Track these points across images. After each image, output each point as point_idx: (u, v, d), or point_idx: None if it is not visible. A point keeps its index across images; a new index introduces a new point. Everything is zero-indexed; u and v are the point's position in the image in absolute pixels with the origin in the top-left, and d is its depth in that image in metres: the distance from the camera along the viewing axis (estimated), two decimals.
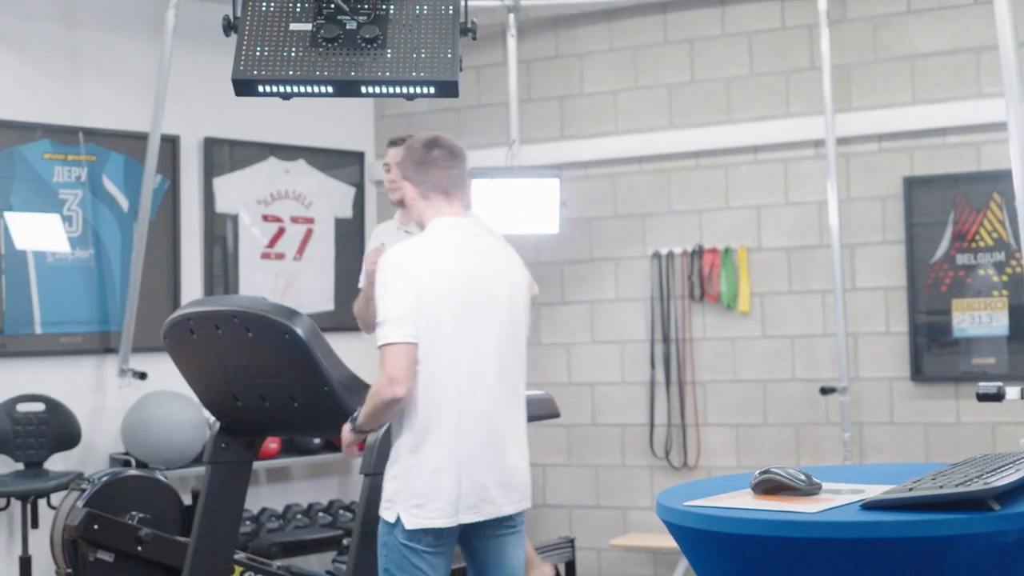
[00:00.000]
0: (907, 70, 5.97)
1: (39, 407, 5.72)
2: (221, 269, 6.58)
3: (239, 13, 3.07)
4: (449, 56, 3.05)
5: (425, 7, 3.10)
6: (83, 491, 4.96)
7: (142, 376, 5.99)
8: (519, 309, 3.59)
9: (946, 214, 5.85)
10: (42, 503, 5.56)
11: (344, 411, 3.74)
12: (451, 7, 3.12)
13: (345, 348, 4.28)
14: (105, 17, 6.18)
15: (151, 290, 6.14)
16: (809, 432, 6.13)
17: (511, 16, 6.46)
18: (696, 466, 6.37)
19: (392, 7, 3.09)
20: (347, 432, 3.62)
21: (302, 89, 3.10)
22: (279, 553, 5.86)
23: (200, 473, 5.29)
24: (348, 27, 3.07)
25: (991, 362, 5.74)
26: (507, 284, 3.56)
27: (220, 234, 6.59)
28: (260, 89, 3.04)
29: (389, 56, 3.03)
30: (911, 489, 2.13)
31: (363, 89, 3.09)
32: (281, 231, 6.78)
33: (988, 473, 2.17)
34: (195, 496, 5.33)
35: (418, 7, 3.10)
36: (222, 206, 6.58)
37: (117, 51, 6.21)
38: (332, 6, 3.06)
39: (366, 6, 3.09)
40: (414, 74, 3.04)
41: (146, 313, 5.95)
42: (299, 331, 3.75)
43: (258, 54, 3.00)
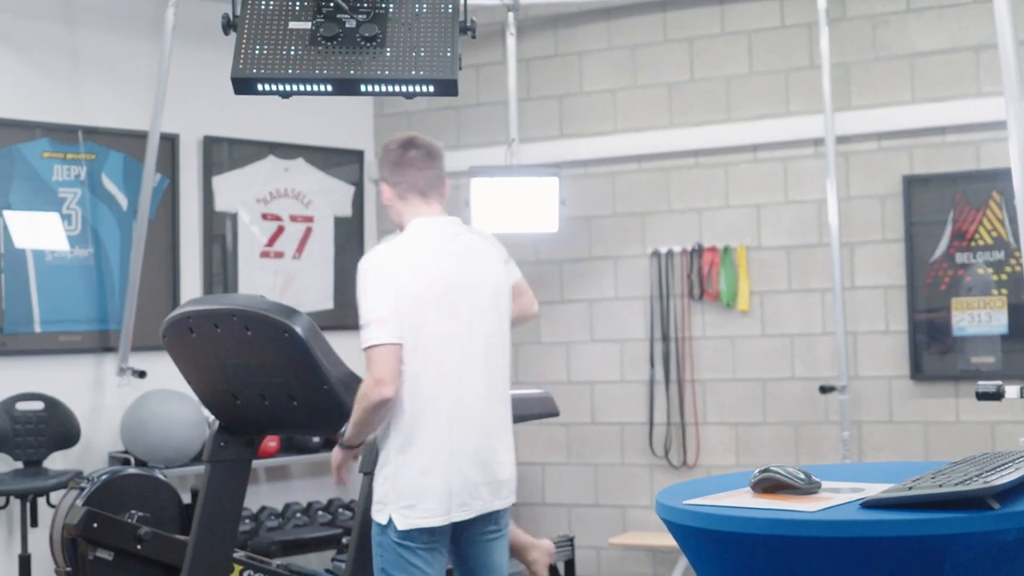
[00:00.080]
0: (906, 69, 5.97)
1: (38, 406, 5.72)
2: (220, 268, 6.58)
3: (238, 11, 3.07)
4: (448, 55, 3.05)
5: (424, 5, 3.10)
6: (82, 490, 4.96)
7: (141, 375, 5.99)
8: (503, 307, 3.59)
9: (945, 213, 5.85)
10: (41, 501, 5.56)
11: (343, 410, 3.73)
12: (450, 5, 3.11)
13: (344, 347, 4.27)
14: (104, 16, 6.18)
15: (150, 289, 6.13)
16: (808, 431, 6.13)
17: (510, 15, 6.45)
18: (695, 465, 6.37)
19: (391, 5, 3.09)
20: (336, 452, 3.63)
21: (301, 87, 3.10)
22: (278, 552, 5.86)
23: (199, 472, 5.29)
24: (347, 25, 3.07)
25: (990, 361, 5.74)
26: (490, 282, 3.56)
27: (219, 233, 6.58)
28: (259, 87, 3.04)
29: (388, 54, 3.03)
30: (910, 488, 2.13)
31: (362, 87, 3.09)
32: (280, 230, 6.78)
33: (987, 472, 2.17)
34: (194, 495, 5.33)
35: (417, 5, 3.09)
36: (221, 205, 6.58)
37: (116, 50, 6.21)
38: (331, 4, 3.06)
39: (365, 5, 3.09)
40: (413, 72, 3.04)
41: (145, 312, 5.95)
42: (298, 330, 3.75)
43: (257, 52, 3.00)
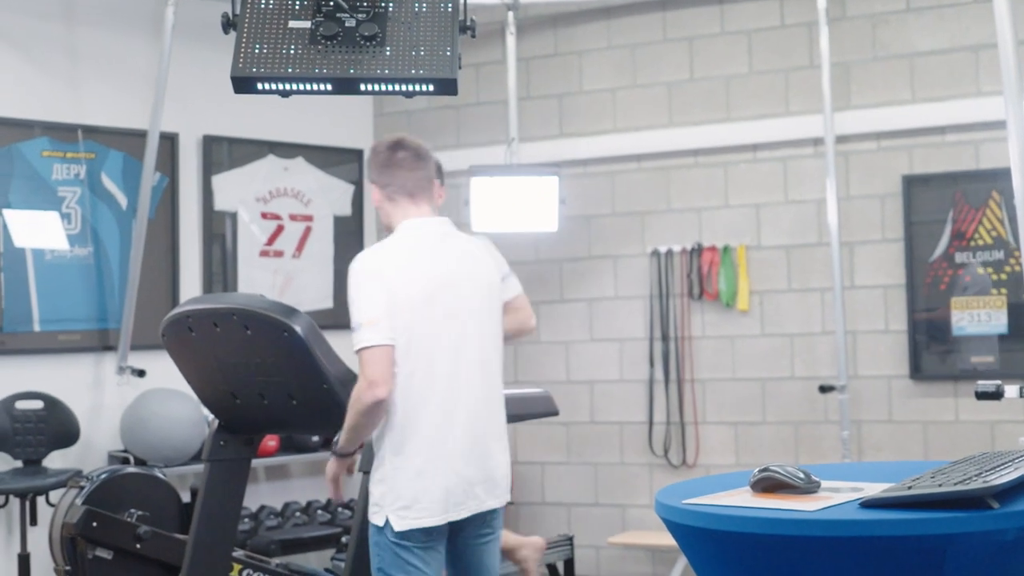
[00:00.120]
0: (906, 68, 5.97)
1: (38, 405, 5.72)
2: (220, 267, 6.58)
3: (238, 10, 3.07)
4: (448, 54, 3.05)
5: (424, 5, 3.10)
6: (82, 488, 4.96)
7: (141, 374, 5.99)
8: (495, 306, 3.59)
9: (945, 212, 5.85)
10: (41, 500, 5.56)
11: (343, 409, 3.73)
12: (450, 4, 3.11)
13: (344, 346, 4.25)
14: (104, 15, 6.18)
15: (150, 288, 6.13)
16: (808, 430, 6.13)
17: (510, 14, 6.45)
18: (695, 464, 6.37)
19: (391, 5, 3.09)
20: (331, 463, 3.62)
21: (301, 87, 3.10)
22: (278, 551, 5.86)
23: (199, 471, 5.29)
24: (347, 24, 3.07)
25: (990, 360, 5.74)
26: (481, 281, 3.56)
27: (219, 232, 6.58)
28: (259, 86, 3.04)
29: (388, 54, 3.03)
30: (910, 487, 2.13)
31: (362, 87, 3.09)
32: (280, 229, 6.78)
33: (987, 471, 2.17)
34: (194, 494, 5.33)
35: (417, 5, 3.09)
36: (221, 204, 6.58)
37: (116, 49, 6.20)
38: (331, 4, 3.06)
39: (365, 4, 3.09)
40: (413, 72, 3.04)
41: (145, 311, 5.95)
42: (298, 329, 3.74)
43: (257, 51, 2.99)
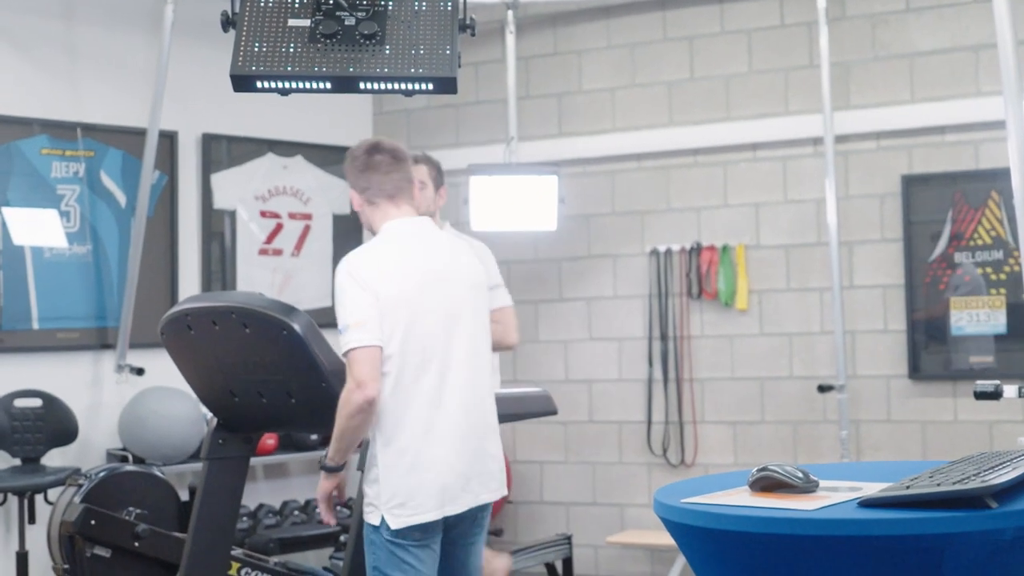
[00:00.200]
0: (906, 68, 5.97)
1: (36, 403, 5.71)
2: (219, 265, 6.57)
3: (237, 9, 3.07)
4: (448, 52, 3.05)
5: (424, 3, 3.10)
6: (80, 487, 4.96)
7: (139, 372, 5.99)
8: (481, 304, 3.63)
9: (944, 212, 5.85)
10: (39, 499, 5.56)
11: None
12: (450, 3, 3.11)
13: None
14: (103, 13, 6.18)
15: (148, 286, 6.13)
16: (807, 430, 6.13)
17: (510, 13, 6.45)
18: (693, 463, 6.37)
19: (391, 3, 3.09)
20: (322, 483, 3.58)
21: (300, 85, 3.10)
22: (276, 549, 5.86)
23: (197, 469, 5.28)
24: (347, 23, 3.07)
25: (988, 360, 5.74)
26: (467, 277, 3.60)
27: (218, 230, 6.58)
28: (258, 85, 3.04)
29: (387, 52, 3.03)
30: (908, 487, 2.13)
31: (361, 85, 3.09)
32: (279, 227, 6.78)
33: (985, 471, 2.17)
34: (192, 492, 5.33)
35: (417, 3, 3.09)
36: (220, 202, 6.58)
37: (115, 47, 6.20)
38: (331, 2, 3.06)
39: (365, 2, 3.09)
40: (412, 70, 3.04)
41: (143, 309, 5.95)
42: (296, 327, 3.74)
43: (256, 50, 2.99)
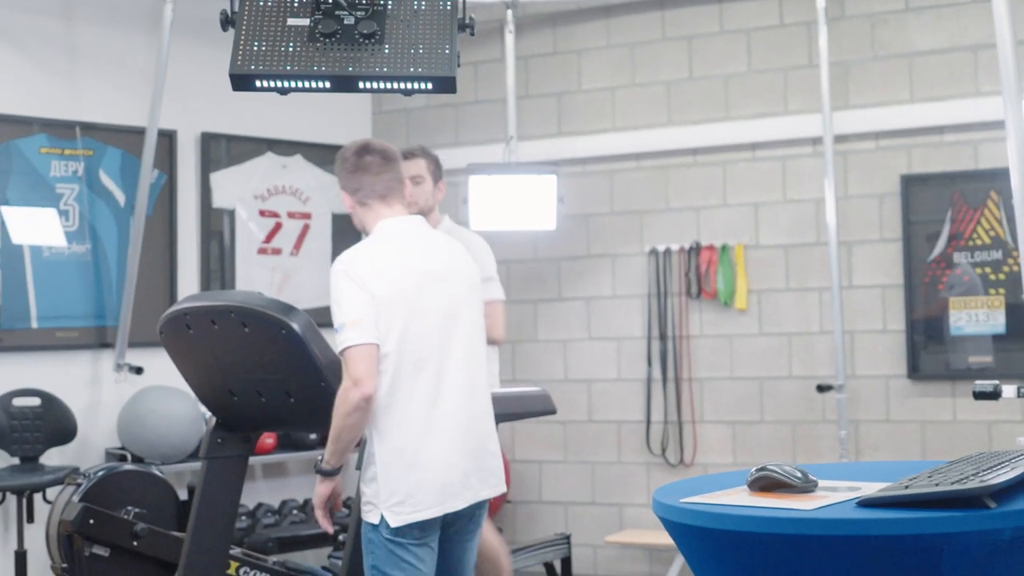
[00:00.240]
0: (905, 68, 5.97)
1: (35, 402, 5.71)
2: (218, 264, 6.57)
3: (237, 8, 3.07)
4: (447, 52, 3.05)
5: (423, 3, 3.10)
6: (79, 486, 4.95)
7: (138, 371, 5.99)
8: (476, 300, 3.65)
9: (943, 212, 5.85)
10: (37, 497, 5.56)
11: None
12: (449, 3, 3.11)
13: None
14: (103, 12, 6.17)
15: (147, 285, 6.13)
16: (805, 429, 6.13)
17: (509, 12, 6.45)
18: (692, 463, 6.37)
19: (390, 2, 3.09)
20: (319, 487, 3.56)
21: (299, 84, 3.10)
22: (275, 548, 5.86)
23: (196, 468, 5.29)
24: (346, 22, 3.07)
25: (987, 360, 5.74)
26: (463, 276, 3.62)
27: (217, 229, 6.58)
28: (257, 84, 3.04)
29: (387, 52, 3.03)
30: (907, 487, 2.13)
31: (360, 84, 3.09)
32: (278, 226, 6.77)
33: (984, 471, 2.17)
34: (191, 491, 5.33)
35: (416, 2, 3.09)
36: (219, 201, 6.57)
37: (115, 46, 6.20)
38: (330, 1, 3.06)
39: (364, 1, 3.09)
40: (412, 70, 3.04)
41: (142, 308, 5.95)
42: (295, 327, 3.74)
43: (255, 49, 3.00)
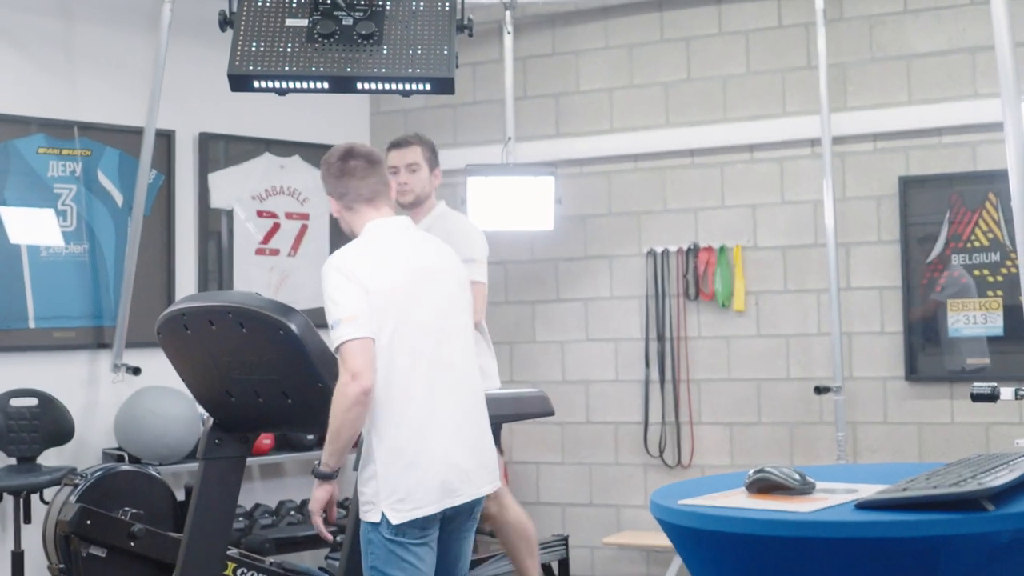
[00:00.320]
0: (903, 70, 5.97)
1: (32, 402, 5.70)
2: (215, 264, 6.57)
3: (235, 8, 3.07)
4: (445, 53, 3.05)
5: (422, 4, 3.10)
6: (76, 486, 4.95)
7: (136, 371, 5.98)
8: (466, 298, 3.69)
9: (941, 214, 5.85)
10: (35, 498, 5.55)
11: None
12: (447, 4, 3.12)
13: None
14: (101, 12, 6.17)
15: (145, 285, 6.12)
16: (803, 431, 6.13)
17: (507, 13, 6.44)
18: (690, 465, 6.37)
19: (388, 3, 3.09)
20: (317, 492, 3.52)
21: (298, 85, 3.11)
22: (272, 549, 5.85)
23: (193, 469, 5.28)
24: (344, 23, 3.07)
25: (985, 362, 5.74)
26: (452, 272, 3.66)
27: (215, 229, 6.57)
28: (256, 84, 3.04)
29: (385, 52, 3.03)
30: (905, 489, 2.13)
31: (359, 85, 3.10)
32: (276, 227, 6.77)
33: (982, 473, 2.17)
34: (188, 492, 5.33)
35: (415, 3, 3.10)
36: (217, 201, 6.57)
37: (113, 46, 6.20)
38: (328, 2, 3.06)
39: (363, 2, 3.09)
40: (410, 70, 3.04)
41: (140, 308, 5.94)
42: (293, 327, 3.74)
43: (254, 50, 3.00)
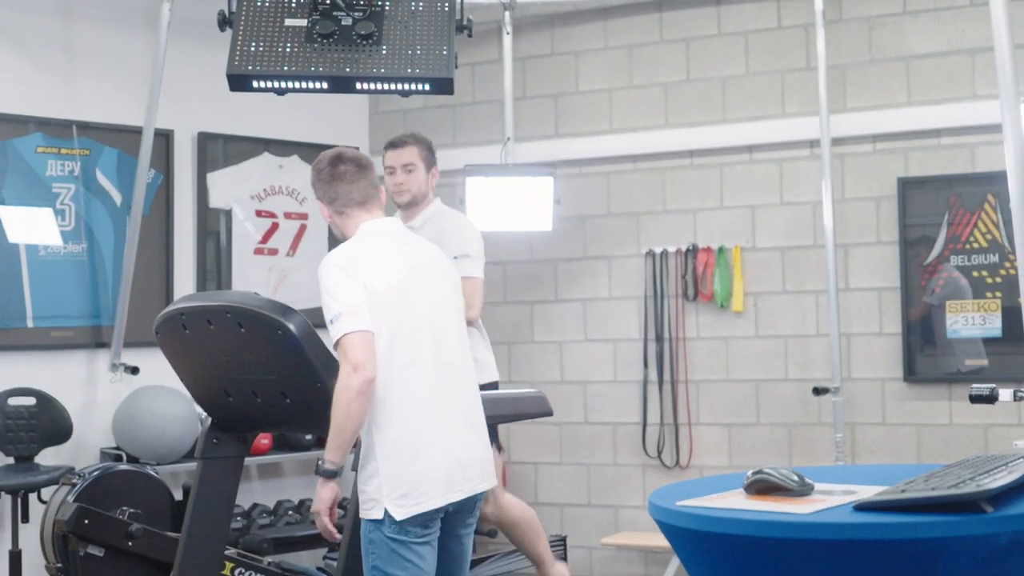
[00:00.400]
0: (902, 71, 5.97)
1: (30, 401, 5.70)
2: (214, 264, 6.57)
3: (234, 8, 3.07)
4: (444, 53, 3.05)
5: (421, 4, 3.10)
6: (74, 486, 4.96)
7: (134, 371, 5.98)
8: (459, 296, 3.73)
9: (940, 215, 5.85)
10: (32, 497, 5.54)
11: None
12: (447, 4, 3.11)
13: None
14: (100, 11, 6.16)
15: (143, 285, 6.12)
16: (802, 432, 6.13)
17: (507, 13, 6.44)
18: (688, 465, 6.37)
19: (388, 4, 3.09)
20: (321, 491, 3.49)
21: (297, 85, 3.11)
22: (270, 549, 5.85)
23: (191, 468, 5.28)
24: (343, 23, 3.07)
25: (984, 364, 5.74)
26: (446, 272, 3.71)
27: (213, 229, 6.57)
28: (255, 84, 3.04)
29: (384, 52, 3.03)
30: (903, 490, 2.13)
31: (358, 85, 3.09)
32: (274, 227, 6.77)
33: (981, 475, 2.17)
34: (186, 491, 5.33)
35: (414, 4, 3.09)
36: (215, 201, 6.56)
37: (112, 45, 6.19)
38: (328, 2, 3.06)
39: (362, 2, 3.09)
40: (409, 71, 3.04)
41: (138, 308, 5.94)
42: (292, 327, 3.74)
43: (253, 49, 3.00)
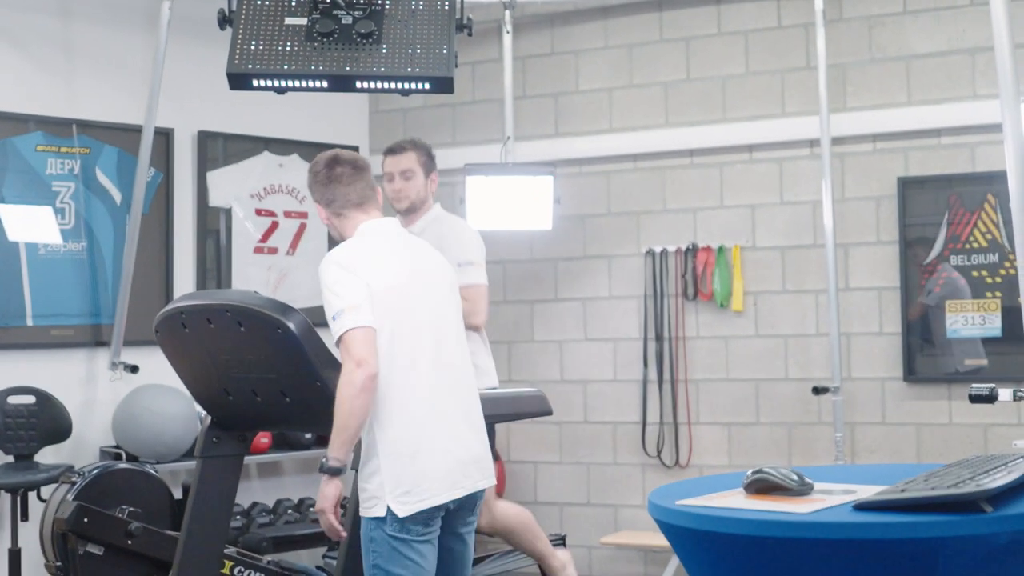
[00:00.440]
0: (902, 71, 5.97)
1: (30, 400, 5.70)
2: (214, 263, 6.57)
3: (234, 7, 3.07)
4: (444, 52, 3.05)
5: (421, 3, 3.10)
6: (73, 484, 4.95)
7: (134, 369, 5.98)
8: (457, 302, 3.73)
9: (940, 215, 5.85)
10: (32, 496, 5.54)
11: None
12: (447, 3, 3.11)
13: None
14: (100, 10, 6.16)
15: (143, 283, 6.12)
16: (801, 432, 6.13)
17: (507, 12, 6.44)
18: (688, 465, 6.37)
19: (388, 2, 3.09)
20: (326, 489, 3.44)
21: (297, 83, 3.10)
22: (269, 548, 5.85)
23: (191, 467, 5.28)
24: (343, 22, 3.07)
25: (984, 363, 5.75)
26: (444, 272, 3.71)
27: (213, 228, 6.57)
28: (254, 83, 3.04)
29: (384, 51, 3.03)
30: (903, 490, 2.13)
31: (358, 84, 3.09)
32: (274, 225, 6.77)
33: (980, 475, 2.17)
34: (186, 490, 5.33)
35: (414, 3, 3.09)
36: (215, 200, 6.56)
37: (112, 44, 6.19)
38: (328, 1, 3.06)
39: (362, 1, 3.09)
40: (409, 70, 3.04)
41: (138, 306, 5.94)
42: (291, 326, 3.74)
43: (253, 48, 2.99)
